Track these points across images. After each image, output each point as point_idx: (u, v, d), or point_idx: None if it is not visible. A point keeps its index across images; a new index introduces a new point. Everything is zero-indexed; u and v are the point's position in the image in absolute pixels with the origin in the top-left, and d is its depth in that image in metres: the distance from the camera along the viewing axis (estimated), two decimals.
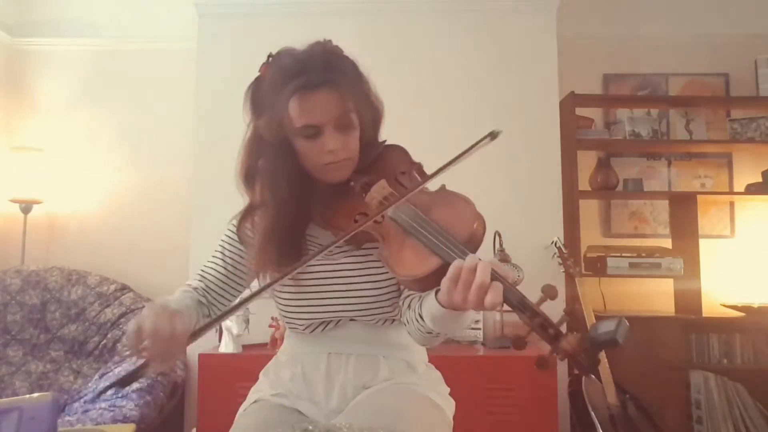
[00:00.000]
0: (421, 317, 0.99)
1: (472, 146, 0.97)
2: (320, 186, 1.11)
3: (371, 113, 1.12)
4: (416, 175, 1.09)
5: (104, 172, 3.12)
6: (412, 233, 0.96)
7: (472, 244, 0.91)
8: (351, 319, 1.13)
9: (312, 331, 1.15)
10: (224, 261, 1.17)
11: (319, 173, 1.08)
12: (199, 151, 2.83)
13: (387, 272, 1.08)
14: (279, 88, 1.02)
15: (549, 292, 0.84)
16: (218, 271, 1.17)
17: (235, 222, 1.18)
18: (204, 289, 1.16)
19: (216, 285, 1.16)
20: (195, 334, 0.90)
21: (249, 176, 1.13)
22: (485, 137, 0.96)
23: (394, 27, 2.87)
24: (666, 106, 3.17)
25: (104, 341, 2.66)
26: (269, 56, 1.09)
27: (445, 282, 0.86)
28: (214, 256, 1.18)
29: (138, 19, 3.19)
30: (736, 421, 2.70)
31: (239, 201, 1.19)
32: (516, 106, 2.81)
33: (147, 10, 3.19)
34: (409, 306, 1.06)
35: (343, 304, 1.11)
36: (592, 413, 2.21)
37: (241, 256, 1.16)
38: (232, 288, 1.18)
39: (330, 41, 1.08)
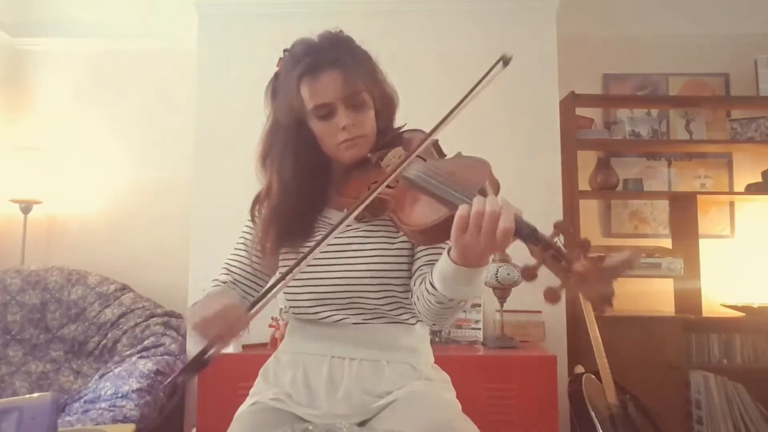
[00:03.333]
0: (432, 285, 0.98)
1: (484, 76, 1.04)
2: (339, 170, 1.13)
3: (384, 97, 1.15)
4: (434, 150, 1.11)
5: (104, 171, 3.12)
6: (423, 186, 0.95)
7: (485, 194, 0.89)
8: (354, 323, 1.11)
9: (315, 315, 1.12)
10: (247, 251, 1.17)
11: (336, 154, 1.10)
12: (199, 151, 2.82)
13: (395, 245, 1.08)
14: (290, 73, 1.08)
15: (561, 227, 0.80)
16: (243, 262, 1.16)
17: None
18: (233, 282, 1.15)
19: (243, 276, 1.16)
20: (253, 305, 0.89)
21: (264, 160, 1.15)
22: (497, 62, 1.06)
23: (393, 27, 2.87)
24: (666, 106, 3.17)
25: (104, 341, 2.66)
26: (285, 51, 1.13)
27: (453, 228, 0.85)
28: (237, 248, 1.18)
29: (138, 19, 3.19)
30: (736, 421, 2.69)
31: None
32: (516, 106, 2.81)
33: (147, 10, 3.19)
34: (421, 283, 1.05)
35: (349, 276, 1.09)
36: (592, 413, 2.21)
37: None
38: (260, 278, 1.18)
39: (341, 31, 1.14)
